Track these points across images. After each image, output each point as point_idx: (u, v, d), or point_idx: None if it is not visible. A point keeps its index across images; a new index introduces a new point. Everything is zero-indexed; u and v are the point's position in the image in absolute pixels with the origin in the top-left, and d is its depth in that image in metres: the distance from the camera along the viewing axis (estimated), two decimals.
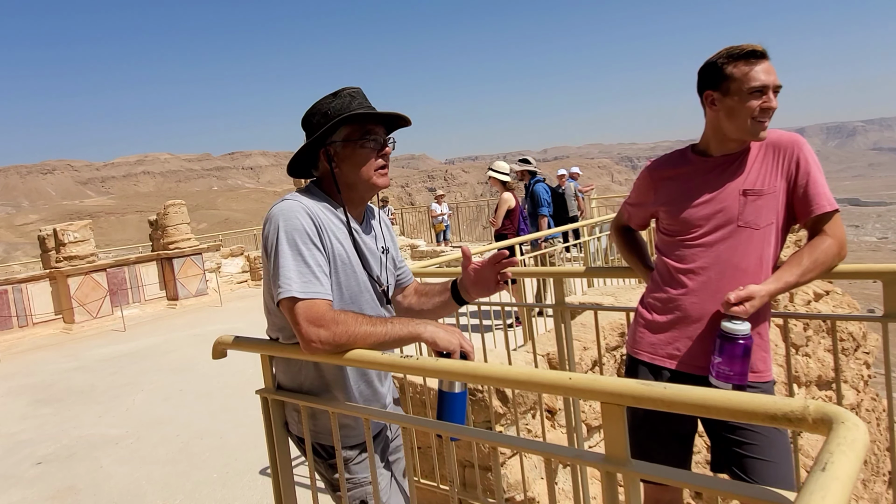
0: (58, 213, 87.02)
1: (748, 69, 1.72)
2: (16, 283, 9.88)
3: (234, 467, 4.02)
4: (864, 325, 7.50)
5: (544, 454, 1.28)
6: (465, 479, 2.99)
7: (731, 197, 1.78)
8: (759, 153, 1.80)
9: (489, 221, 7.16)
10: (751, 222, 1.77)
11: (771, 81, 1.72)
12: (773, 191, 1.77)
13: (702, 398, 0.97)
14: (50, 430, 5.18)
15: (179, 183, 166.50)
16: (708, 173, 1.83)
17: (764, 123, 1.74)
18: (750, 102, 1.72)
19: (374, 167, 1.62)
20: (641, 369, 1.92)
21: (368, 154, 1.61)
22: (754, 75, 1.72)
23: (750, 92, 1.72)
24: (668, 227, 1.91)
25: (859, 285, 32.44)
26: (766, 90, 1.72)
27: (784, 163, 1.77)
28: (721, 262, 1.79)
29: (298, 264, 1.49)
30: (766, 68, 1.72)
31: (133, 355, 7.72)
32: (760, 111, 1.72)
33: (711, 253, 1.80)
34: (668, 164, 1.95)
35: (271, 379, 1.76)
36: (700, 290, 1.81)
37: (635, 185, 2.07)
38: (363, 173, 1.61)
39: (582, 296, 5.34)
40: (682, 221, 1.85)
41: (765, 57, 1.72)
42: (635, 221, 2.15)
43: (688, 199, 1.84)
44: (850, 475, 0.69)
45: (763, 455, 1.75)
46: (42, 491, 4.01)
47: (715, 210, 1.80)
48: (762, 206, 1.77)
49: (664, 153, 2.03)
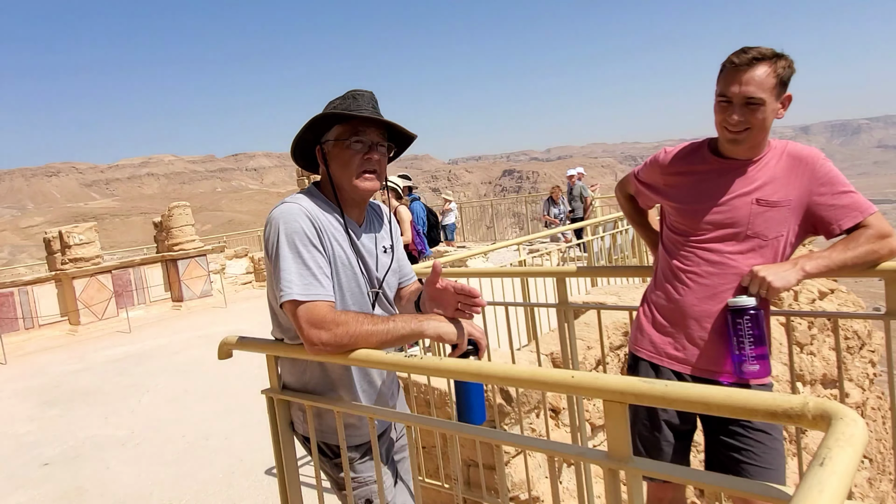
0: (63, 215, 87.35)
1: (724, 75, 1.66)
2: (22, 285, 9.93)
3: (239, 467, 4.04)
4: (869, 323, 7.47)
5: (548, 452, 1.29)
6: (470, 478, 3.00)
7: (744, 204, 1.73)
8: (778, 163, 1.74)
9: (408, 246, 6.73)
10: (759, 233, 1.73)
11: (738, 93, 1.63)
12: (788, 204, 1.71)
13: (703, 395, 0.98)
14: (56, 432, 5.21)
15: (183, 185, 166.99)
16: (723, 176, 1.77)
17: (734, 135, 1.67)
18: (717, 111, 1.68)
19: (358, 170, 1.60)
20: (642, 366, 1.90)
21: (353, 156, 1.59)
22: (724, 84, 1.66)
23: (717, 100, 1.67)
24: (677, 226, 1.87)
25: (865, 283, 32.32)
26: (731, 102, 1.64)
27: (803, 177, 1.72)
28: (726, 269, 1.75)
29: (299, 266, 1.50)
30: (743, 78, 1.62)
31: (138, 356, 7.75)
32: (725, 121, 1.66)
33: (717, 258, 1.77)
34: (685, 161, 1.87)
35: (277, 379, 1.77)
36: (702, 292, 1.78)
37: (648, 167, 1.99)
38: (347, 175, 1.60)
39: (585, 295, 5.34)
40: (691, 222, 1.81)
41: (750, 64, 1.61)
42: (642, 201, 2.10)
43: (700, 200, 1.79)
44: (847, 470, 0.70)
45: (761, 462, 1.75)
46: (49, 492, 4.04)
47: (726, 216, 1.75)
48: (773, 217, 1.72)
49: (680, 143, 1.96)
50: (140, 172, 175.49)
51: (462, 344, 1.48)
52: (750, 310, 1.65)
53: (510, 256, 10.19)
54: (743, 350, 1.67)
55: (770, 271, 1.65)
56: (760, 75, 1.61)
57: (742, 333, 1.67)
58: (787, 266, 1.66)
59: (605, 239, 7.00)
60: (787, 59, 1.65)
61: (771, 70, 1.62)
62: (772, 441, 1.78)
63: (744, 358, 1.68)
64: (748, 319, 1.66)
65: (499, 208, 16.61)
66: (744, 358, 1.68)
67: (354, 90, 1.63)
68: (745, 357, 1.67)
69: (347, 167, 1.60)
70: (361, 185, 1.61)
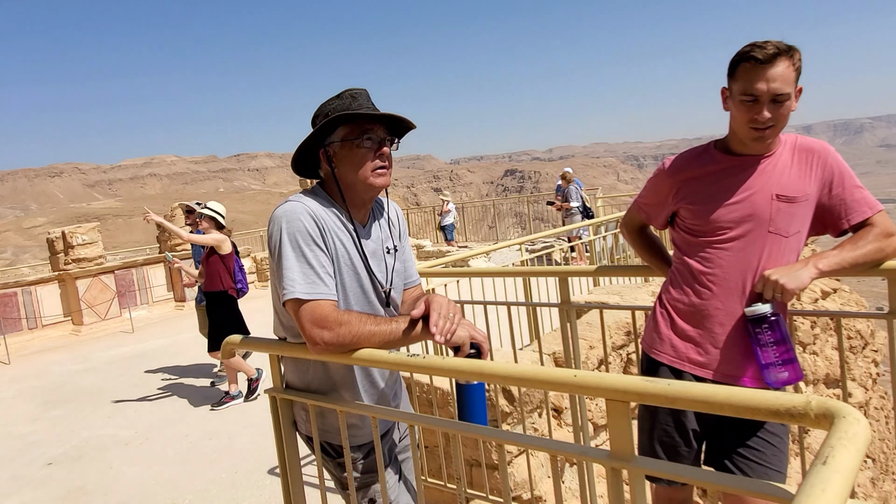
0: (66, 215, 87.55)
1: (746, 72, 1.63)
2: (25, 285, 9.96)
3: (242, 467, 4.04)
4: (872, 322, 7.46)
5: (550, 451, 1.29)
6: (472, 477, 3.01)
7: (763, 200, 1.70)
8: (791, 157, 1.72)
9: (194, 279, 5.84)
10: (781, 229, 1.70)
11: (766, 90, 1.60)
12: (807, 199, 1.70)
13: (705, 394, 0.98)
14: (60, 432, 5.22)
15: (186, 185, 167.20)
16: (738, 174, 1.74)
17: (760, 133, 1.65)
18: (741, 109, 1.65)
19: (372, 167, 1.60)
20: (663, 371, 1.85)
21: (365, 154, 1.59)
22: (748, 81, 1.62)
23: (742, 99, 1.65)
24: (693, 227, 1.81)
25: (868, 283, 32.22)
26: (758, 100, 1.62)
27: (817, 169, 1.70)
28: (748, 268, 1.72)
29: (302, 265, 1.50)
30: (768, 74, 1.59)
31: (141, 356, 7.76)
32: (752, 120, 1.64)
33: (738, 257, 1.73)
34: (693, 163, 1.83)
35: (280, 378, 1.78)
36: (724, 294, 1.74)
37: (651, 185, 1.96)
38: (360, 173, 1.59)
39: (588, 294, 5.33)
40: (709, 222, 1.76)
41: (773, 59, 1.59)
42: (658, 221, 1.99)
43: (716, 200, 1.75)
44: (850, 468, 0.70)
45: (769, 463, 1.74)
46: (52, 491, 4.05)
47: (745, 213, 1.71)
48: (794, 213, 1.70)
49: (678, 152, 1.93)
50: (143, 173, 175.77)
51: (465, 347, 1.49)
52: (769, 316, 1.63)
53: (512, 256, 10.19)
54: (769, 358, 1.65)
55: (782, 273, 1.63)
56: (783, 70, 1.60)
57: (764, 341, 1.65)
58: (798, 266, 1.65)
59: (608, 238, 7.00)
60: (798, 51, 1.64)
61: (790, 63, 1.61)
62: (781, 443, 1.77)
63: (771, 365, 1.65)
64: (767, 327, 1.64)
65: (501, 208, 16.59)
66: (771, 365, 1.65)
67: (350, 90, 1.63)
68: (772, 364, 1.65)
69: (360, 166, 1.59)
70: (376, 181, 1.61)
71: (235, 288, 5.33)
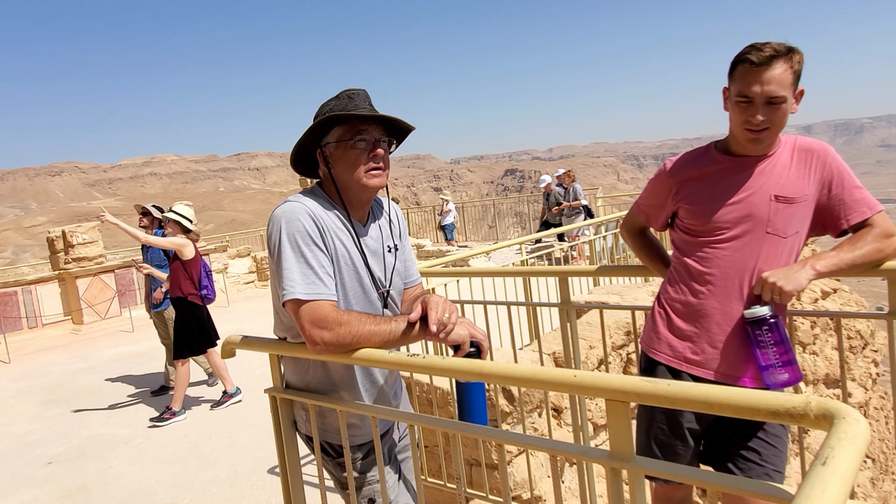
0: (66, 214, 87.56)
1: (742, 74, 1.63)
2: (25, 284, 9.96)
3: (242, 466, 4.04)
4: (872, 322, 7.46)
5: (550, 451, 1.29)
6: (472, 477, 3.01)
7: (761, 201, 1.70)
8: (790, 158, 1.72)
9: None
10: (779, 230, 1.70)
11: (760, 93, 1.60)
12: (805, 199, 1.70)
13: (705, 395, 0.98)
14: (60, 431, 5.22)
15: (186, 184, 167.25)
16: (737, 174, 1.74)
17: (755, 135, 1.65)
18: (737, 111, 1.65)
19: (365, 168, 1.59)
20: (660, 371, 1.86)
21: (359, 154, 1.59)
22: (743, 83, 1.62)
23: (737, 100, 1.64)
24: (691, 227, 1.82)
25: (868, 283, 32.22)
26: (752, 102, 1.62)
27: (816, 170, 1.70)
28: (745, 268, 1.72)
29: (301, 266, 1.50)
30: (763, 77, 1.59)
31: (141, 356, 7.77)
32: (746, 122, 1.64)
33: (736, 257, 1.73)
34: (693, 164, 1.84)
35: (280, 378, 1.78)
36: (721, 294, 1.75)
37: (651, 186, 1.97)
38: (354, 174, 1.59)
39: (588, 294, 5.33)
40: (706, 222, 1.77)
41: (768, 62, 1.58)
42: (658, 223, 2.00)
43: (715, 200, 1.75)
44: (850, 469, 0.70)
45: (770, 463, 1.75)
46: (53, 490, 4.05)
47: (744, 214, 1.72)
48: (792, 214, 1.70)
49: (679, 152, 1.93)
50: (143, 172, 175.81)
51: (465, 345, 1.49)
52: (768, 319, 1.63)
53: (512, 256, 10.19)
54: (768, 360, 1.65)
55: (780, 275, 1.63)
56: (780, 72, 1.59)
57: (764, 343, 1.65)
58: (796, 268, 1.65)
59: (608, 238, 7.01)
60: (799, 52, 1.63)
61: (788, 66, 1.60)
62: (780, 443, 1.77)
63: (770, 367, 1.65)
64: (766, 329, 1.64)
65: (501, 208, 16.59)
66: (770, 367, 1.65)
67: (348, 90, 1.63)
68: (772, 366, 1.65)
69: (354, 166, 1.59)
70: (370, 182, 1.60)
71: (199, 294, 5.25)
